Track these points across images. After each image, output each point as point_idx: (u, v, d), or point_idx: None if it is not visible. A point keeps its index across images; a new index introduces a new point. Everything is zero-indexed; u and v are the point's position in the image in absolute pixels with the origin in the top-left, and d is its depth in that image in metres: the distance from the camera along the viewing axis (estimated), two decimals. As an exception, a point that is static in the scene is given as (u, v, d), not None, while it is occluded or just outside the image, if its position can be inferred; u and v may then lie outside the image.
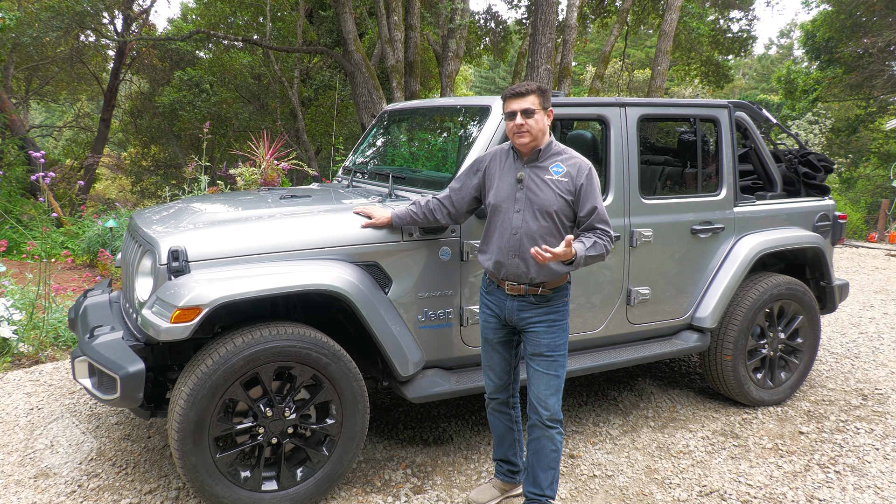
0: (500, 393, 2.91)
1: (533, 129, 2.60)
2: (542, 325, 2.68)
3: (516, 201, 2.65)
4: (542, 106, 2.62)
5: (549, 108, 2.67)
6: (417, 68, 11.47)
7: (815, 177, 4.50)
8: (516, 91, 2.62)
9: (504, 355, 2.85)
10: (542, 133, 2.64)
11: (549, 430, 2.70)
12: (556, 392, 2.70)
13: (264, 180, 5.27)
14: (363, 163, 4.20)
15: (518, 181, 2.67)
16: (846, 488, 3.21)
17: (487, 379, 2.92)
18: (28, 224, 10.09)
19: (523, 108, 2.59)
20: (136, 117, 19.24)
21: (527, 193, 2.64)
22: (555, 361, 2.69)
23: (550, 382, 2.69)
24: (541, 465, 2.74)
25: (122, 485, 3.07)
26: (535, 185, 2.63)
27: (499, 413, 2.95)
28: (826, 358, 5.08)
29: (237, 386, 2.62)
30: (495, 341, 2.83)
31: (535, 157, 2.67)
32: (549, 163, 2.66)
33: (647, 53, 30.58)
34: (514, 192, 2.67)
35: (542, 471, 2.74)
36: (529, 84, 2.62)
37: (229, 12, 16.75)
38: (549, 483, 2.75)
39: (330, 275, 2.74)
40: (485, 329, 2.86)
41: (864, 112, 19.14)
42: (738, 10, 17.61)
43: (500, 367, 2.87)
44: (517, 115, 2.60)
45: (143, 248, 2.88)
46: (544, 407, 2.69)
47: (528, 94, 2.59)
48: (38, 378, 4.34)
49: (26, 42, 12.95)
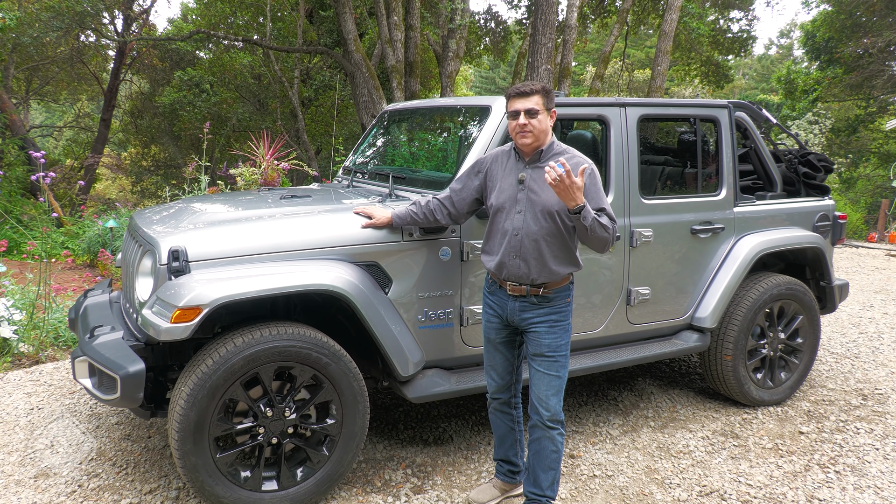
0: (502, 393, 2.91)
1: (535, 130, 2.60)
2: (544, 326, 2.68)
3: (518, 202, 2.65)
4: (545, 107, 2.61)
5: (552, 109, 2.66)
6: (417, 68, 11.47)
7: (815, 177, 4.50)
8: (520, 90, 2.60)
9: (506, 355, 2.85)
10: (544, 134, 2.64)
11: (550, 430, 2.70)
12: (557, 392, 2.70)
13: (264, 180, 5.28)
14: (363, 163, 4.20)
15: (520, 182, 2.66)
16: (846, 488, 3.21)
17: (490, 379, 2.91)
18: (28, 224, 10.09)
19: (527, 107, 2.58)
20: (136, 117, 19.25)
21: (528, 194, 2.64)
22: (556, 362, 2.68)
23: (552, 383, 2.69)
24: (541, 465, 2.74)
25: (123, 485, 3.07)
26: (536, 185, 2.63)
27: (500, 413, 2.95)
28: (826, 358, 5.09)
29: (237, 386, 2.62)
30: (498, 341, 2.83)
31: (536, 157, 2.66)
32: (550, 163, 2.65)
33: (647, 53, 30.58)
34: (515, 192, 2.66)
35: (542, 471, 2.74)
36: (534, 84, 2.61)
37: (229, 12, 16.76)
38: (549, 483, 2.75)
39: (330, 275, 2.75)
40: (487, 329, 2.86)
41: (864, 112, 19.14)
42: (738, 10, 17.61)
43: (502, 368, 2.86)
44: (520, 115, 2.59)
45: (144, 248, 2.88)
46: (545, 407, 2.68)
47: (532, 95, 2.58)
48: (39, 378, 4.34)
49: (27, 42, 12.96)
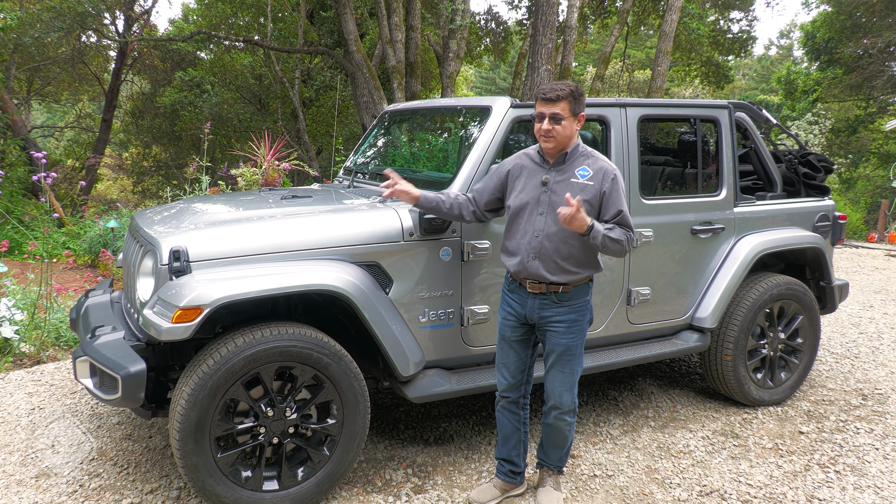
0: (511, 392, 2.93)
1: (559, 136, 2.62)
2: (562, 326, 2.74)
3: (540, 203, 2.68)
4: (572, 112, 2.62)
5: (580, 114, 2.66)
6: (418, 69, 11.48)
7: (815, 177, 4.51)
8: (547, 95, 2.60)
9: (520, 354, 2.88)
10: (568, 139, 2.66)
11: (559, 421, 2.87)
12: (570, 388, 2.82)
13: (265, 181, 5.28)
14: (364, 163, 4.20)
15: (543, 184, 2.70)
16: (846, 488, 3.22)
17: (500, 376, 2.93)
18: (30, 224, 10.10)
19: (552, 112, 2.59)
20: (137, 118, 19.25)
21: (551, 196, 2.67)
22: (571, 360, 2.78)
23: (566, 380, 2.80)
24: (552, 442, 2.96)
25: (124, 484, 3.07)
26: (559, 188, 2.66)
27: (507, 412, 2.96)
28: (826, 358, 5.09)
29: (238, 386, 2.63)
30: (513, 339, 2.86)
31: (560, 160, 2.69)
32: (574, 166, 2.68)
33: (647, 54, 30.58)
34: (538, 194, 2.70)
35: (552, 447, 2.97)
36: (563, 88, 2.59)
37: (230, 13, 16.78)
38: (558, 458, 3.00)
39: (331, 275, 2.75)
40: (503, 326, 2.88)
41: (864, 112, 19.14)
42: (738, 10, 17.60)
43: (514, 366, 2.89)
44: (545, 119, 2.61)
45: (145, 248, 2.89)
46: (559, 402, 2.83)
47: (560, 101, 2.58)
48: (40, 378, 4.34)
49: (28, 43, 12.97)
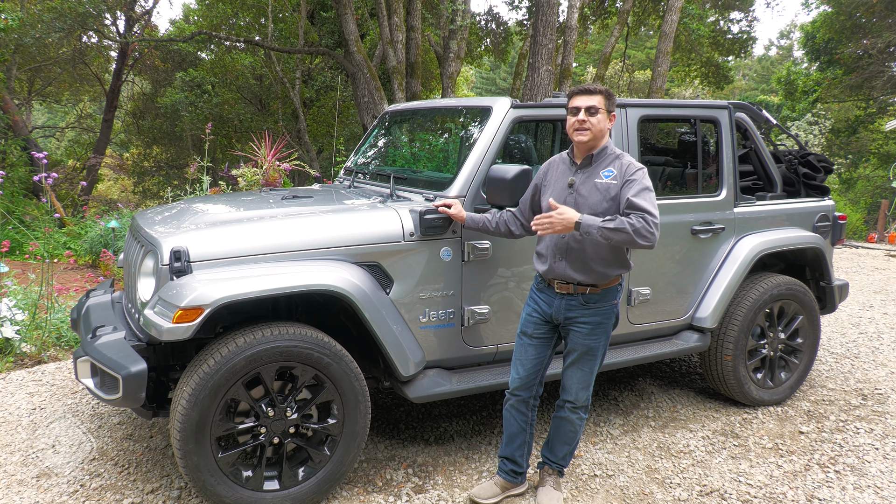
0: (522, 391, 2.94)
1: (594, 128, 2.64)
2: (587, 327, 2.77)
3: (565, 204, 2.70)
4: (606, 108, 2.66)
5: (612, 113, 2.71)
6: (419, 69, 11.48)
7: (814, 177, 4.51)
8: (584, 88, 2.66)
9: (539, 351, 2.89)
10: (601, 133, 2.68)
11: (572, 414, 2.91)
12: (587, 387, 2.88)
13: (266, 181, 5.29)
14: (365, 163, 4.21)
15: (569, 185, 2.73)
16: (846, 488, 3.22)
17: (514, 373, 2.95)
18: (31, 224, 10.11)
19: (588, 104, 2.63)
20: (138, 118, 19.27)
21: (576, 197, 2.70)
22: (591, 360, 2.82)
23: (584, 378, 2.85)
24: (559, 438, 2.99)
25: (125, 484, 3.08)
26: (584, 189, 2.69)
27: (516, 411, 2.97)
28: (826, 358, 5.09)
29: (239, 386, 2.63)
30: (534, 336, 2.88)
31: (587, 161, 2.72)
32: (601, 168, 2.70)
33: (647, 54, 30.58)
34: (565, 195, 2.73)
35: (559, 443, 2.99)
36: (599, 85, 2.68)
37: (231, 13, 16.79)
38: (563, 455, 3.01)
39: (332, 275, 2.76)
40: (525, 323, 2.91)
41: (864, 113, 19.14)
42: (738, 11, 17.61)
43: (530, 364, 2.90)
44: (580, 112, 2.64)
45: (146, 248, 2.89)
46: (574, 398, 2.89)
47: (596, 94, 2.64)
48: (41, 378, 4.35)
49: (29, 43, 12.98)
